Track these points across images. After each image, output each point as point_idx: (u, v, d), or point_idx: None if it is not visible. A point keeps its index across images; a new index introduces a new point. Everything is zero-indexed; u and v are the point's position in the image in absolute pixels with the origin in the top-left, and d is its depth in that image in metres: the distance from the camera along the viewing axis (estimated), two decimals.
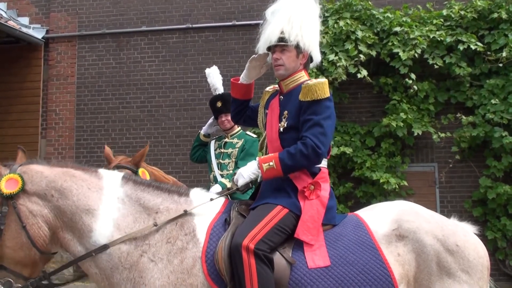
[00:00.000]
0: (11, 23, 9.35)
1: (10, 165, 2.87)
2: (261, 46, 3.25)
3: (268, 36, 3.15)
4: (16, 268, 2.74)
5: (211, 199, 3.03)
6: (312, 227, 2.89)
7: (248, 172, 3.05)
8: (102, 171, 3.05)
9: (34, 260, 2.78)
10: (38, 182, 2.82)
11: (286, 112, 3.13)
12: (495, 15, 8.13)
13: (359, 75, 8.10)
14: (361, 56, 8.08)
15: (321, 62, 3.36)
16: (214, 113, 5.20)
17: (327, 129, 2.98)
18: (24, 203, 2.77)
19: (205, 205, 3.00)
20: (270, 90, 3.45)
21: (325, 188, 3.03)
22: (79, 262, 2.83)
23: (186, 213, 2.90)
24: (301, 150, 2.92)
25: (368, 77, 8.16)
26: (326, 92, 3.01)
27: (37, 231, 2.76)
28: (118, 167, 4.47)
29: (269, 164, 2.97)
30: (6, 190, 2.72)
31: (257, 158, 3.07)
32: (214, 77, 5.30)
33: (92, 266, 2.85)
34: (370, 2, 8.54)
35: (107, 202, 2.88)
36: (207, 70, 5.39)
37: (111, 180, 2.99)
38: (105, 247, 2.77)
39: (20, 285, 2.72)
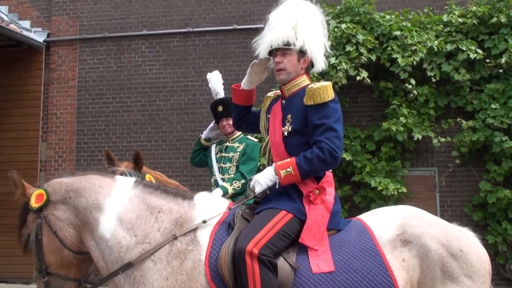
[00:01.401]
0: (12, 26, 9.36)
1: (39, 185, 3.19)
2: (263, 50, 3.26)
3: (270, 40, 3.17)
4: (61, 272, 3.03)
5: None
6: (316, 232, 2.89)
7: (265, 179, 3.04)
8: (117, 176, 3.25)
9: (70, 261, 3.04)
10: (59, 190, 3.08)
11: (289, 116, 3.13)
12: (495, 19, 8.15)
13: (358, 78, 8.12)
14: (363, 57, 8.11)
15: None
16: (215, 118, 5.20)
17: (340, 132, 3.00)
18: (52, 212, 3.05)
19: (209, 209, 3.01)
20: (271, 95, 3.47)
21: (330, 193, 3.03)
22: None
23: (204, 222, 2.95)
24: (318, 155, 2.93)
25: (367, 79, 8.18)
26: (331, 95, 3.03)
27: (65, 233, 3.02)
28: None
29: (286, 171, 2.97)
30: (35, 205, 3.04)
31: (273, 165, 3.06)
32: (216, 82, 5.31)
33: (100, 259, 2.97)
34: (372, 6, 8.56)
35: (114, 197, 3.01)
36: (209, 75, 5.40)
37: (123, 182, 3.14)
38: (129, 264, 2.88)
39: None
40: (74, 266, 3.06)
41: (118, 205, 2.98)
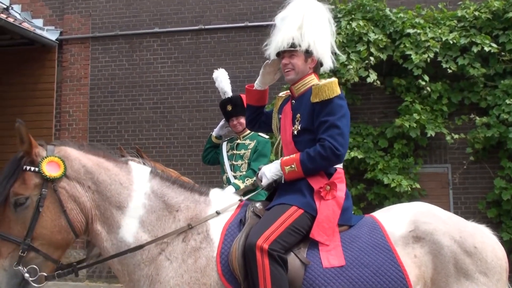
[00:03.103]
0: (25, 25, 9.44)
1: (44, 145, 2.87)
2: (271, 52, 3.32)
3: (277, 42, 3.22)
4: (48, 250, 2.73)
5: (240, 199, 3.11)
6: (327, 228, 2.90)
7: (271, 172, 3.13)
8: (132, 164, 3.08)
9: (68, 243, 2.83)
10: (78, 170, 2.86)
11: (298, 115, 3.17)
12: (510, 14, 8.07)
13: (368, 79, 8.09)
14: (372, 58, 8.06)
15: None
16: (225, 117, 5.19)
17: (343, 129, 3.02)
18: (64, 187, 2.79)
19: (221, 205, 3.03)
20: (283, 95, 3.52)
21: (341, 189, 3.05)
22: (118, 257, 2.86)
23: (217, 214, 2.95)
24: (320, 152, 2.97)
25: (377, 82, 8.14)
26: (336, 91, 3.05)
27: (76, 216, 2.79)
28: None
29: (291, 167, 3.05)
30: (49, 173, 2.74)
31: (279, 160, 3.14)
32: (222, 81, 5.27)
33: (115, 262, 2.89)
34: (384, 3, 8.51)
35: (135, 199, 2.93)
36: (215, 74, 5.36)
37: (139, 175, 3.03)
38: (141, 247, 2.82)
39: (45, 274, 2.73)
40: (65, 249, 2.83)
41: (139, 208, 2.91)
